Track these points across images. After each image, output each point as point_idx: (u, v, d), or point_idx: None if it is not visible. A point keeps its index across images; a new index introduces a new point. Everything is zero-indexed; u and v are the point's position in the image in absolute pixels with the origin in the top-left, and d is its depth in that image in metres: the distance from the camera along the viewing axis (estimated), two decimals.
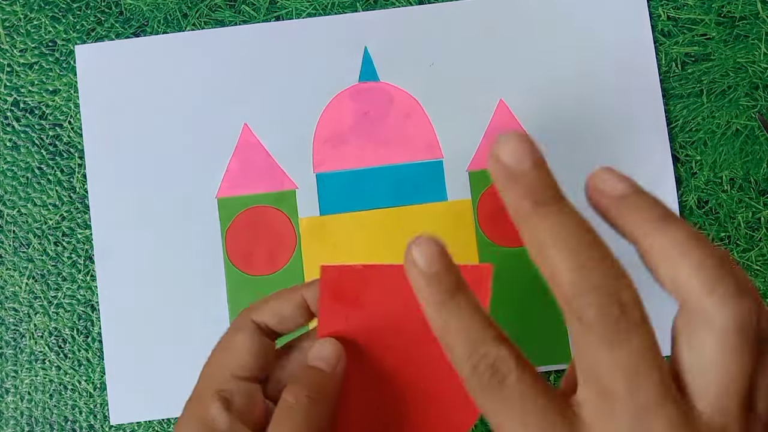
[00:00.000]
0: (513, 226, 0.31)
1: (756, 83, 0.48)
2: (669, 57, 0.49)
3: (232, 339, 0.33)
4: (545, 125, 0.48)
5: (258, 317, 0.34)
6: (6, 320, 0.47)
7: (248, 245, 0.47)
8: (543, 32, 0.48)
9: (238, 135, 0.48)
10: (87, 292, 0.47)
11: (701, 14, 0.49)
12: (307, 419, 0.30)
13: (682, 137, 0.48)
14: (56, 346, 0.47)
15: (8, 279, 0.47)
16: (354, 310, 0.31)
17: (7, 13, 0.49)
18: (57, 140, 0.48)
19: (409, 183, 0.47)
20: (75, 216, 0.48)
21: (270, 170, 0.47)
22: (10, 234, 0.47)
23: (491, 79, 0.48)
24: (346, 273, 0.30)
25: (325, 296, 0.31)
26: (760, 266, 0.47)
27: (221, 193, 0.47)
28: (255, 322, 0.34)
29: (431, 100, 0.48)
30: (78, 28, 0.48)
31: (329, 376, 0.31)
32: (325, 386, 0.31)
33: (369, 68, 0.48)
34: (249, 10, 0.49)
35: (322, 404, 0.31)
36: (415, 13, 0.48)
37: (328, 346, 0.31)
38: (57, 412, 0.47)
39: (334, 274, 0.31)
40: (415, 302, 0.28)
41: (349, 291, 0.31)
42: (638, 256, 0.27)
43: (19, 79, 0.48)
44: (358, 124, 0.48)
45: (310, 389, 0.30)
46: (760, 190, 0.48)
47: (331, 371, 0.31)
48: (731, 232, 0.48)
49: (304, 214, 0.47)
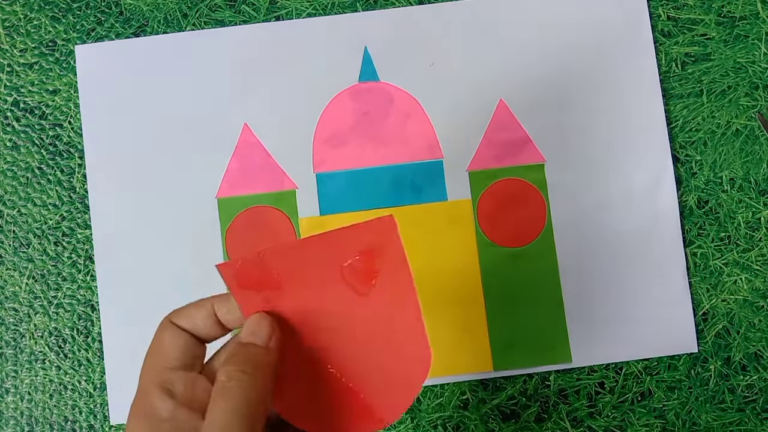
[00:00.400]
0: (513, 226, 0.32)
1: (756, 83, 0.48)
2: (669, 57, 0.49)
3: (159, 339, 0.32)
4: (545, 125, 0.48)
5: (177, 321, 0.33)
6: (6, 320, 0.47)
7: (248, 245, 0.47)
8: (543, 32, 0.48)
9: (238, 135, 0.48)
10: (87, 292, 0.47)
11: (701, 14, 0.49)
12: (244, 395, 0.29)
13: (682, 137, 0.48)
14: (56, 346, 0.47)
15: (8, 279, 0.47)
16: (271, 291, 0.31)
17: (7, 13, 0.49)
18: (57, 140, 0.48)
19: (409, 183, 0.47)
20: (75, 216, 0.48)
21: (270, 170, 0.47)
22: (10, 234, 0.47)
23: (491, 79, 0.48)
24: (243, 264, 0.31)
25: (234, 290, 0.31)
26: (760, 266, 0.47)
27: (221, 193, 0.47)
28: (176, 325, 0.33)
29: (431, 100, 0.48)
30: (78, 28, 0.48)
31: (263, 350, 0.31)
32: (260, 361, 0.30)
33: (369, 68, 0.48)
34: (249, 10, 0.49)
35: (259, 379, 0.30)
36: (415, 13, 0.48)
37: (259, 319, 0.31)
38: (57, 412, 0.47)
39: (230, 269, 0.31)
40: (329, 276, 0.29)
41: (255, 277, 0.31)
42: None
43: (19, 79, 0.48)
44: (358, 124, 0.48)
45: (245, 365, 0.30)
46: (760, 190, 0.48)
47: (264, 345, 0.31)
48: (731, 232, 0.48)
49: (304, 214, 0.47)
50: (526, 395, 0.47)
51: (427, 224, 0.47)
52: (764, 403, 0.47)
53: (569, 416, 0.47)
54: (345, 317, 0.31)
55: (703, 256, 0.47)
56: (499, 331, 0.47)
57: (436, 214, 0.47)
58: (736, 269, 0.47)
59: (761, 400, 0.47)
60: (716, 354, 0.47)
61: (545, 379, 0.47)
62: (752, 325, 0.47)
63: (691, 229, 0.48)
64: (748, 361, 0.47)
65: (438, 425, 0.47)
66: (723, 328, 0.47)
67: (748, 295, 0.47)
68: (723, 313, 0.47)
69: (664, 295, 0.47)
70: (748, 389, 0.47)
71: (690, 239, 0.48)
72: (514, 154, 0.48)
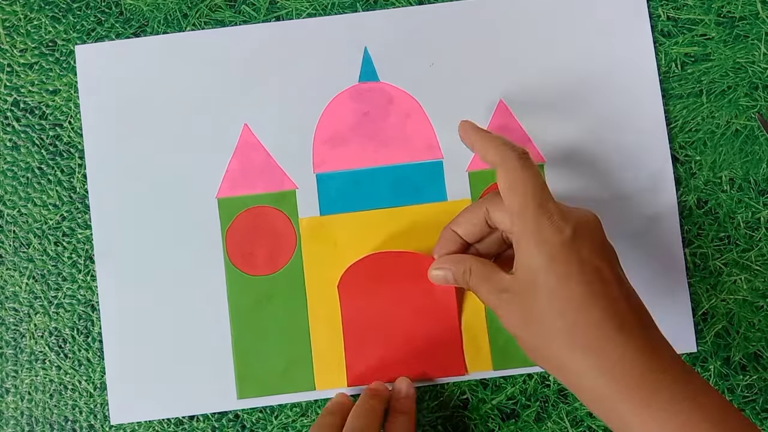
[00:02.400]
0: None
1: (756, 83, 0.48)
2: (669, 57, 0.49)
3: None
4: (545, 125, 0.48)
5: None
6: (6, 320, 0.47)
7: (248, 245, 0.47)
8: (543, 32, 0.48)
9: (238, 135, 0.48)
10: (87, 292, 0.47)
11: (701, 14, 0.49)
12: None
13: (682, 137, 0.48)
14: (56, 346, 0.47)
15: (8, 279, 0.47)
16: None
17: (7, 13, 0.49)
18: (57, 140, 0.48)
19: (409, 183, 0.47)
20: (75, 216, 0.48)
21: (270, 170, 0.47)
22: (10, 234, 0.48)
23: (491, 79, 0.48)
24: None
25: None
26: (759, 266, 0.47)
27: (221, 194, 0.47)
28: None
29: (431, 100, 0.48)
30: (78, 28, 0.48)
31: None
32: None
33: (369, 68, 0.48)
34: (249, 10, 0.49)
35: None
36: (415, 13, 0.48)
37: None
38: (57, 411, 0.47)
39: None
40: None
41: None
42: None
43: (19, 79, 0.48)
44: (358, 124, 0.48)
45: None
46: (759, 190, 0.48)
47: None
48: (731, 232, 0.48)
49: (304, 214, 0.47)
50: (525, 395, 0.47)
51: (427, 224, 0.47)
52: (764, 403, 0.47)
53: (569, 416, 0.47)
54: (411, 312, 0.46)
55: (703, 256, 0.47)
56: (499, 331, 0.47)
57: (436, 214, 0.47)
58: (735, 269, 0.47)
59: (761, 400, 0.47)
60: (716, 354, 0.47)
61: (545, 378, 0.47)
62: (752, 325, 0.47)
63: (691, 230, 0.48)
64: (747, 361, 0.47)
65: (438, 425, 0.47)
66: (722, 328, 0.47)
67: (748, 295, 0.47)
68: (722, 313, 0.47)
69: (663, 295, 0.47)
70: (747, 389, 0.47)
71: (689, 239, 0.48)
72: None
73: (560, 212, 0.38)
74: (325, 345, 0.46)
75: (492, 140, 0.41)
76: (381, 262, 0.46)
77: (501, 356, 0.47)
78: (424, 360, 0.46)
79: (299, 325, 0.47)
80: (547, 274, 0.36)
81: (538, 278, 0.37)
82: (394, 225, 0.47)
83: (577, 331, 0.35)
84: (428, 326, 0.46)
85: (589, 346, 0.35)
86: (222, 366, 0.46)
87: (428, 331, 0.46)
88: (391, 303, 0.46)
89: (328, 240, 0.47)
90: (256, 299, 0.47)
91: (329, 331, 0.47)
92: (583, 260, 0.36)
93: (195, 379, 0.47)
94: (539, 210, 0.38)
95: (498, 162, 0.40)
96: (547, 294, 0.36)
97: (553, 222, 0.37)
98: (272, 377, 0.46)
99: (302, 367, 0.46)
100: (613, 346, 0.35)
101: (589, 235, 0.37)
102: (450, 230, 0.44)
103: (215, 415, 0.47)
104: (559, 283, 0.36)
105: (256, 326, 0.47)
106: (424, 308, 0.46)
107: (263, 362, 0.46)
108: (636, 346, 0.35)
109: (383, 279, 0.46)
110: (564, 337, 0.36)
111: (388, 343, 0.46)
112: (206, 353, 0.47)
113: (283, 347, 0.47)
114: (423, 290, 0.46)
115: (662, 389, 0.34)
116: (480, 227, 0.43)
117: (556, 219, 0.37)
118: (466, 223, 0.43)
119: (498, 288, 0.39)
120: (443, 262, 0.43)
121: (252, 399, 0.46)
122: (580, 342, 0.35)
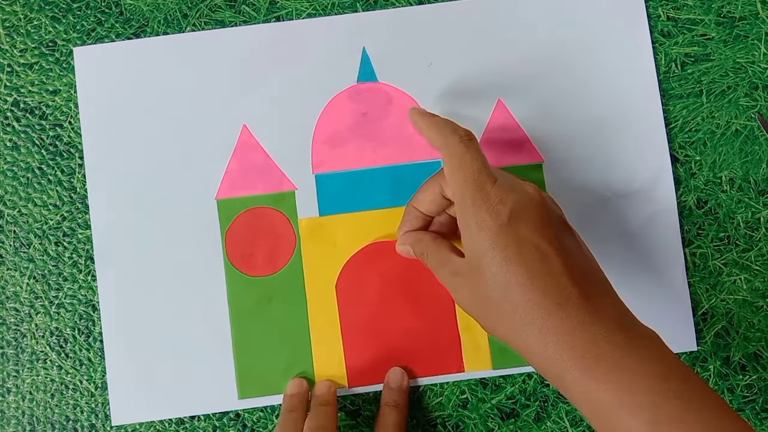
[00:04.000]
0: None
1: (756, 83, 0.48)
2: (668, 57, 0.48)
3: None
4: (543, 125, 0.48)
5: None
6: (7, 320, 0.47)
7: (248, 246, 0.47)
8: (541, 32, 0.48)
9: (237, 136, 0.48)
10: (88, 292, 0.47)
11: (701, 14, 0.49)
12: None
13: (682, 137, 0.48)
14: (57, 346, 0.47)
15: (9, 279, 0.47)
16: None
17: (7, 13, 0.49)
18: (57, 140, 0.48)
19: (409, 183, 0.47)
20: (75, 216, 0.48)
21: (269, 171, 0.48)
22: (10, 234, 0.48)
23: (490, 79, 0.48)
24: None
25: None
26: (759, 266, 0.47)
27: (221, 195, 0.47)
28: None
29: (430, 101, 0.48)
30: (78, 29, 0.48)
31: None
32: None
33: (367, 69, 0.48)
34: (249, 10, 0.49)
35: None
36: (414, 13, 0.48)
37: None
38: (58, 411, 0.47)
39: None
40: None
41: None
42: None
43: (19, 79, 0.48)
44: (357, 124, 0.48)
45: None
46: (759, 190, 0.48)
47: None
48: (731, 232, 0.48)
49: (303, 214, 0.47)
50: (525, 394, 0.47)
51: None
52: (763, 403, 0.47)
53: (568, 416, 0.47)
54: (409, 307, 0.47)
55: (703, 256, 0.47)
56: None
57: None
58: (735, 269, 0.47)
59: (760, 399, 0.47)
60: (715, 354, 0.47)
61: (545, 378, 0.47)
62: (751, 325, 0.47)
63: (691, 229, 0.48)
64: (747, 361, 0.47)
65: (438, 424, 0.47)
66: (722, 327, 0.47)
67: (748, 295, 0.47)
68: (722, 313, 0.47)
69: (663, 295, 0.47)
70: (747, 389, 0.47)
71: (689, 239, 0.48)
72: (513, 154, 0.48)
73: (498, 195, 0.38)
74: (325, 344, 0.47)
75: (436, 124, 0.41)
76: (377, 254, 0.47)
77: (500, 355, 0.47)
78: (422, 358, 0.47)
79: (299, 325, 0.47)
80: (489, 259, 0.37)
81: (482, 263, 0.37)
82: (393, 225, 0.47)
83: (520, 312, 0.36)
84: (426, 324, 0.47)
85: (533, 324, 0.36)
86: (223, 366, 0.47)
87: (426, 329, 0.47)
88: (389, 302, 0.47)
89: (328, 240, 0.47)
90: (256, 300, 0.47)
91: (329, 330, 0.47)
92: (521, 241, 0.37)
93: (196, 379, 0.47)
94: (477, 194, 0.38)
95: (441, 145, 0.41)
96: (491, 278, 0.37)
97: (490, 206, 0.38)
98: (273, 377, 0.47)
99: (302, 366, 0.47)
100: (554, 322, 0.36)
101: (526, 214, 0.38)
102: (411, 207, 0.44)
103: (216, 415, 0.47)
104: (500, 267, 0.37)
105: (256, 326, 0.47)
106: (422, 307, 0.47)
107: (264, 362, 0.47)
108: (577, 319, 0.36)
109: (380, 273, 0.47)
110: (511, 318, 0.37)
111: (387, 342, 0.46)
112: (207, 353, 0.47)
113: (283, 347, 0.47)
114: (420, 284, 0.47)
115: (602, 359, 0.35)
116: (438, 202, 0.43)
117: (494, 203, 0.38)
118: (424, 200, 0.43)
119: (451, 271, 0.40)
120: (405, 239, 0.44)
121: (253, 399, 0.47)
122: (525, 322, 0.36)
